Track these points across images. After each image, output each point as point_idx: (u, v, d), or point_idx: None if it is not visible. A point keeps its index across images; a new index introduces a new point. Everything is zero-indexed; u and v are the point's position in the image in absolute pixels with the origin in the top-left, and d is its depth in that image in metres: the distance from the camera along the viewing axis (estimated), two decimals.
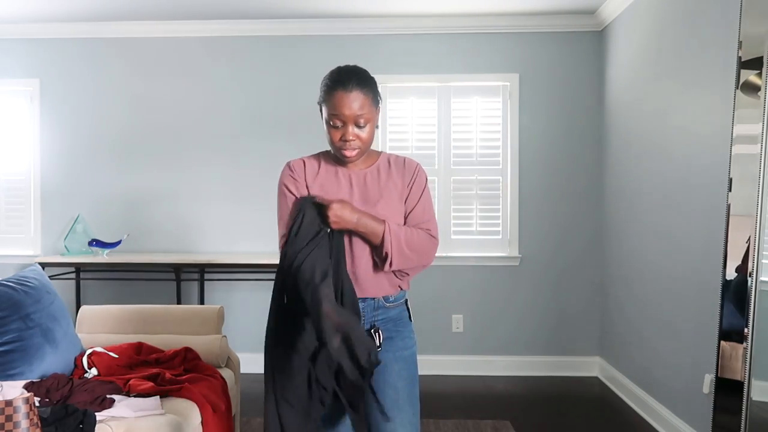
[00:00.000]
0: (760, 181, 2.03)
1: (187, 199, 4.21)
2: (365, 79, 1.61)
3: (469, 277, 4.14)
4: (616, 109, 3.82)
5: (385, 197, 1.66)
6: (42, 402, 2.03)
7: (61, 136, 4.25)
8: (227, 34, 4.17)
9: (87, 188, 4.24)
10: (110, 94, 4.24)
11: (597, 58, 4.09)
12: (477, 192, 4.15)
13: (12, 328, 2.23)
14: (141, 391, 2.17)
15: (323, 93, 1.62)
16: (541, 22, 4.05)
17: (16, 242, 4.30)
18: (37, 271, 2.55)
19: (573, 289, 4.14)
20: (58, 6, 3.86)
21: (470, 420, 3.24)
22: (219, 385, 2.45)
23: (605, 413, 3.43)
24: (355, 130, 1.59)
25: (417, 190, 1.71)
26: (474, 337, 4.14)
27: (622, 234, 3.72)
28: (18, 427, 1.35)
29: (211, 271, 4.11)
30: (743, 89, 2.15)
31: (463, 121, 4.16)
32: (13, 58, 4.25)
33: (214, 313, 2.77)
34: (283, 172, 1.70)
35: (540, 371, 4.12)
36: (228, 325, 3.70)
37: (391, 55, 4.12)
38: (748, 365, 2.06)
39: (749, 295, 2.06)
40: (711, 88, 2.63)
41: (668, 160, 3.05)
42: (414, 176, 1.72)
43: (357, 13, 3.99)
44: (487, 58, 4.13)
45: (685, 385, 2.86)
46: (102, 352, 2.46)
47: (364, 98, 1.58)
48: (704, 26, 2.72)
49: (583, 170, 4.12)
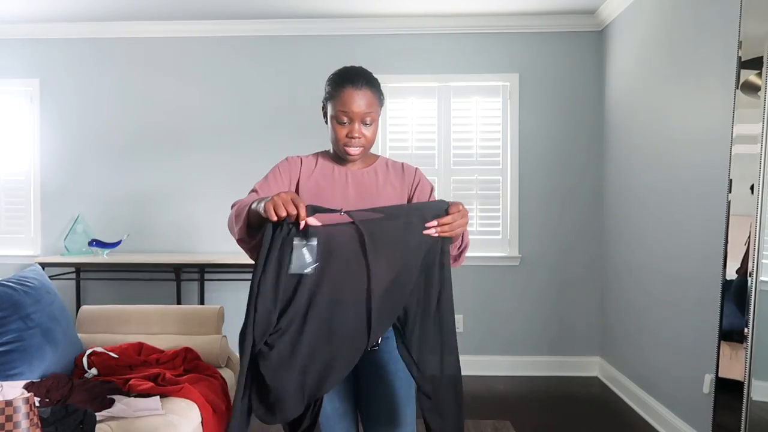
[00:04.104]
0: (760, 181, 2.03)
1: (187, 199, 4.21)
2: (373, 79, 1.63)
3: (469, 277, 4.14)
4: (616, 109, 3.82)
5: (384, 197, 1.65)
6: (42, 402, 2.03)
7: (61, 136, 4.25)
8: (227, 34, 4.17)
9: (87, 188, 4.24)
10: (110, 94, 4.24)
11: (597, 58, 4.09)
12: (477, 192, 4.15)
13: (12, 328, 2.23)
14: (141, 391, 2.17)
15: (330, 89, 1.62)
16: (541, 22, 4.05)
17: (16, 242, 4.30)
18: (37, 271, 2.55)
19: (573, 289, 4.14)
20: (58, 6, 3.86)
21: (470, 420, 3.24)
22: (219, 385, 2.45)
23: (605, 413, 3.43)
24: (361, 128, 1.60)
25: (423, 189, 1.70)
26: (474, 337, 4.14)
27: (622, 234, 3.72)
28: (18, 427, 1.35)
29: (211, 271, 4.11)
30: (743, 89, 2.15)
31: (463, 121, 4.16)
32: (13, 58, 4.25)
33: (214, 313, 2.77)
34: (280, 161, 1.71)
35: (540, 371, 4.12)
36: (228, 325, 3.70)
37: (391, 55, 4.13)
38: (748, 365, 2.06)
39: (749, 295, 2.06)
40: (711, 88, 2.63)
41: (668, 160, 3.05)
42: (416, 178, 1.72)
43: (357, 13, 3.99)
44: (487, 58, 4.13)
45: (685, 385, 2.86)
46: (102, 352, 2.46)
47: (372, 96, 1.60)
48: (704, 26, 2.72)
49: (583, 170, 4.12)
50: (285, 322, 1.35)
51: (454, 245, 1.54)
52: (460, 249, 1.58)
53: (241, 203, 1.53)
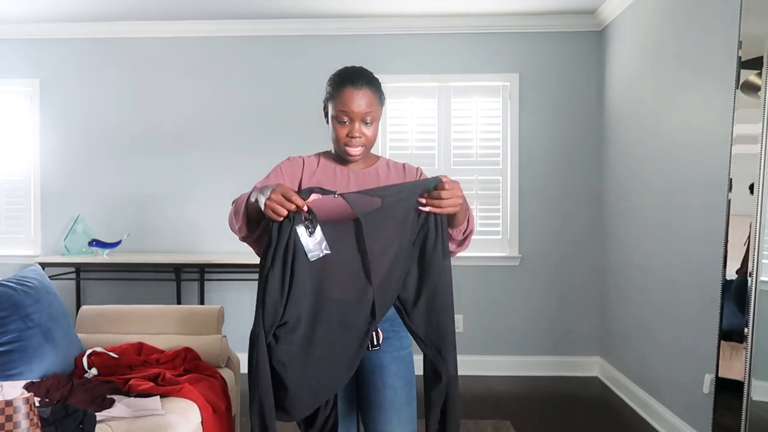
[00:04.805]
0: (760, 181, 2.03)
1: (187, 199, 4.21)
2: (373, 79, 1.64)
3: (469, 277, 4.14)
4: (616, 109, 3.82)
5: None
6: (42, 402, 2.03)
7: (61, 136, 4.25)
8: (227, 34, 4.17)
9: (87, 188, 4.24)
10: (110, 94, 4.24)
11: (597, 58, 4.09)
12: (477, 192, 4.15)
13: (12, 328, 2.23)
14: (141, 391, 2.17)
15: (331, 89, 1.62)
16: (541, 22, 4.05)
17: (16, 242, 4.30)
18: (37, 271, 2.55)
19: (573, 289, 4.14)
20: (59, 6, 3.86)
21: (470, 420, 3.24)
22: (219, 385, 2.45)
23: (605, 413, 3.43)
24: (362, 127, 1.60)
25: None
26: (474, 337, 4.14)
27: (622, 234, 3.71)
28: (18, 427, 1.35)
29: (211, 271, 4.11)
30: (743, 89, 2.15)
31: (463, 121, 4.16)
32: (14, 58, 4.25)
33: (214, 313, 2.77)
34: (282, 161, 1.72)
35: (540, 371, 4.12)
36: (228, 325, 3.70)
37: (391, 55, 4.13)
38: (748, 365, 2.06)
39: (749, 295, 2.06)
40: (711, 88, 2.63)
41: (668, 160, 3.05)
42: (417, 176, 1.72)
43: (357, 13, 3.99)
44: (487, 58, 4.13)
45: (685, 385, 2.86)
46: (102, 352, 2.46)
47: (372, 96, 1.61)
48: (704, 26, 2.72)
49: (583, 170, 4.12)
50: (292, 316, 1.37)
51: (459, 229, 1.54)
52: (465, 233, 1.57)
53: (240, 199, 1.55)
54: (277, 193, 1.34)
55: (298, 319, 1.38)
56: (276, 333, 1.37)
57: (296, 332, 1.37)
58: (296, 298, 1.37)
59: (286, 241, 1.36)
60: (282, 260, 1.37)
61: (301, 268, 1.38)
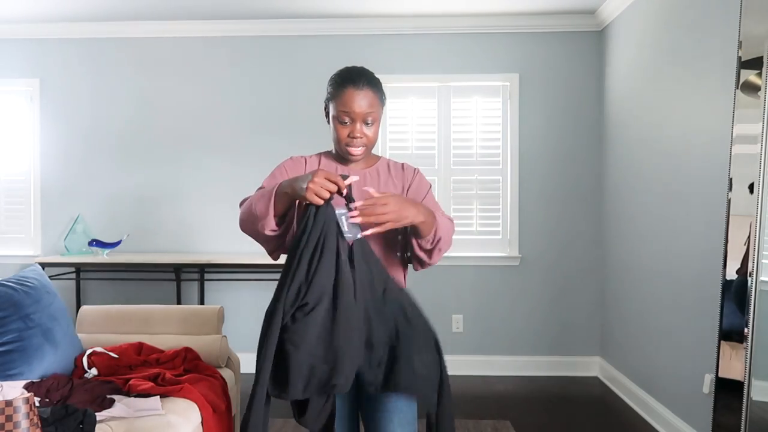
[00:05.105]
0: (760, 181, 2.03)
1: (187, 199, 4.22)
2: (374, 79, 1.64)
3: (469, 277, 4.14)
4: (616, 109, 3.82)
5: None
6: (42, 402, 2.03)
7: (61, 136, 4.25)
8: (227, 34, 4.18)
9: (87, 188, 4.24)
10: (110, 94, 4.24)
11: (597, 58, 4.09)
12: (477, 192, 4.15)
13: (12, 328, 2.23)
14: (141, 391, 2.17)
15: (332, 90, 1.63)
16: (541, 22, 4.05)
17: (16, 242, 4.30)
18: (37, 271, 2.55)
19: (573, 289, 4.14)
20: (58, 6, 3.86)
21: (470, 420, 3.24)
22: (219, 385, 2.45)
23: (605, 413, 3.43)
24: (363, 128, 1.61)
25: (419, 188, 1.70)
26: (474, 337, 4.14)
27: (622, 233, 3.72)
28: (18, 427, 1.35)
29: (211, 271, 4.11)
30: (743, 89, 2.15)
31: (463, 121, 4.16)
32: (13, 58, 4.25)
33: (214, 314, 2.77)
34: (285, 160, 1.73)
35: (540, 371, 4.13)
36: (228, 325, 3.70)
37: (391, 55, 4.13)
38: (748, 365, 2.06)
39: (749, 295, 2.06)
40: (711, 88, 2.63)
41: (668, 160, 3.05)
42: (413, 177, 1.72)
43: (357, 13, 3.99)
44: (487, 58, 4.13)
45: (685, 385, 2.86)
46: (102, 352, 2.46)
47: (373, 96, 1.61)
48: (704, 26, 2.72)
49: (583, 170, 4.12)
50: (313, 297, 1.38)
51: (426, 239, 1.54)
52: (432, 243, 1.56)
53: (252, 199, 1.55)
54: (320, 176, 1.39)
55: (319, 300, 1.39)
56: (295, 314, 1.38)
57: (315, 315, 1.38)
58: (320, 283, 1.39)
59: (322, 226, 1.41)
60: (314, 243, 1.41)
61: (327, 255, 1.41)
